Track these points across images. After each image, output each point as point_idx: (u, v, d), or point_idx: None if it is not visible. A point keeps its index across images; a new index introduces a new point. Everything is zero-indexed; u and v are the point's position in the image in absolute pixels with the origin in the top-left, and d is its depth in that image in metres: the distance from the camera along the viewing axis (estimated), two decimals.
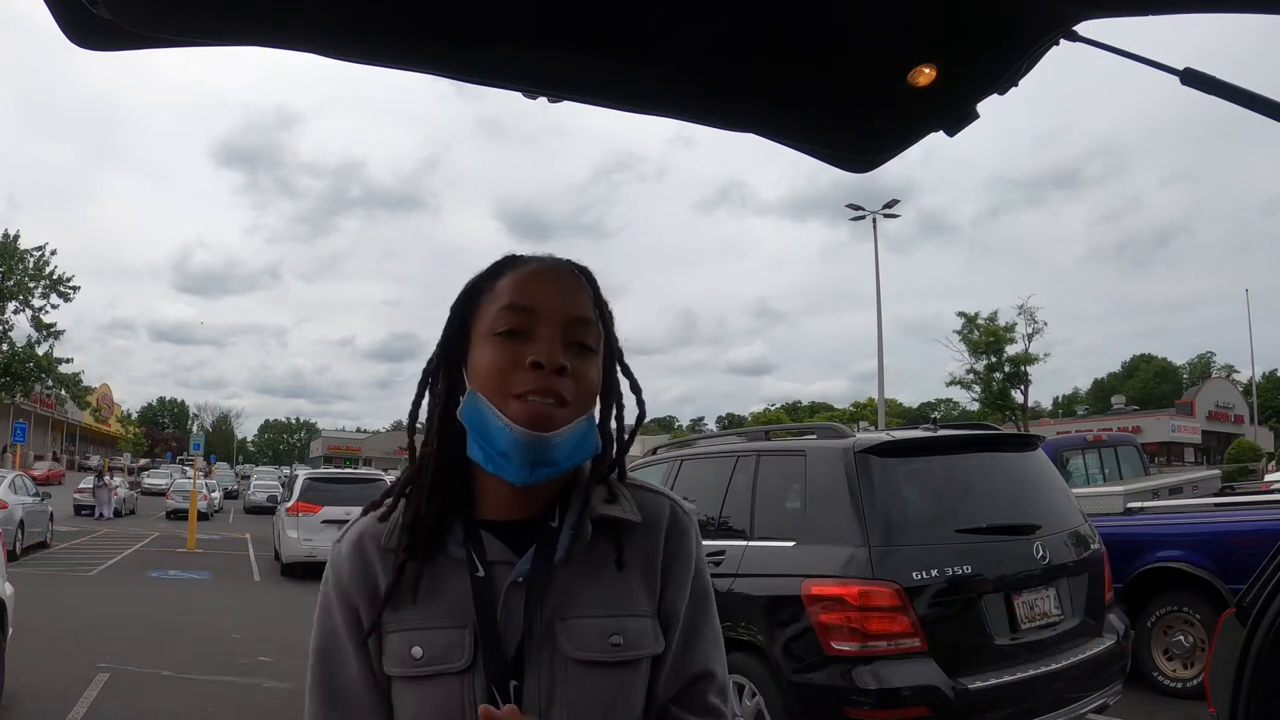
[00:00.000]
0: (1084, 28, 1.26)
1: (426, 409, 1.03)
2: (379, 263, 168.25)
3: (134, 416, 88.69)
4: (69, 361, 34.39)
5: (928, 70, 1.33)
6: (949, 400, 62.57)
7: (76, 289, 33.36)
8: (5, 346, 32.65)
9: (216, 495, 33.77)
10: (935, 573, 3.70)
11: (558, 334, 0.95)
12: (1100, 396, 74.66)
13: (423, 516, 0.98)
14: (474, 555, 0.97)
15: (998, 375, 37.08)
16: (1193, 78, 1.26)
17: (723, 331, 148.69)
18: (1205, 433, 51.04)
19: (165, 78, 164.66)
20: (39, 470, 36.08)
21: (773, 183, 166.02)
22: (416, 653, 0.95)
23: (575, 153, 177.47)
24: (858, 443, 4.09)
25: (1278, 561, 2.00)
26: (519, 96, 1.38)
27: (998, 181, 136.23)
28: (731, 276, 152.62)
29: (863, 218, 28.84)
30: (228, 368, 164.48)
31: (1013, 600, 3.84)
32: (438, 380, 1.02)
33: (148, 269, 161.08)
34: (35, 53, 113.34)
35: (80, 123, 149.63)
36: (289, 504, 14.70)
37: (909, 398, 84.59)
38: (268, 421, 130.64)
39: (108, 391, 69.53)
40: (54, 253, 32.74)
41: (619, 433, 1.04)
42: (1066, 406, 73.63)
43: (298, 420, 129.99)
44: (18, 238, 32.24)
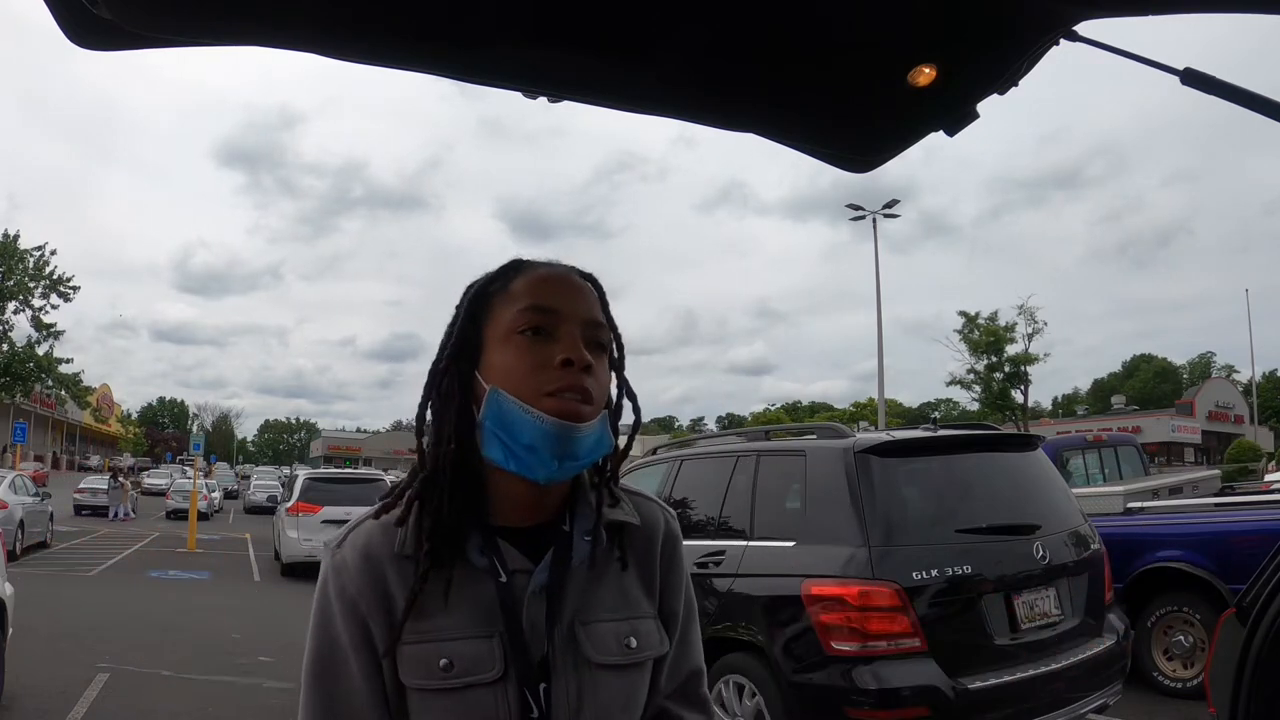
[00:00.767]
0: (1084, 28, 1.26)
1: (433, 411, 1.01)
2: (380, 263, 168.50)
3: (134, 416, 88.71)
4: (69, 361, 34.42)
5: (928, 70, 1.33)
6: (949, 400, 62.67)
7: (76, 289, 33.40)
8: (5, 346, 32.66)
9: (216, 495, 33.77)
10: (935, 573, 3.70)
11: (579, 333, 0.97)
12: (1100, 396, 74.67)
13: (445, 521, 0.95)
14: (496, 562, 0.96)
15: (998, 375, 37.09)
16: (1193, 78, 1.26)
17: (723, 331, 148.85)
18: (1205, 433, 51.04)
19: (165, 78, 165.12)
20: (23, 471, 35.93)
21: (774, 183, 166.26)
22: (444, 664, 0.93)
23: (577, 153, 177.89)
24: (858, 443, 4.09)
25: (1278, 561, 2.00)
26: (520, 96, 1.38)
27: (998, 181, 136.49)
28: (732, 276, 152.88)
29: (863, 218, 28.86)
30: (228, 368, 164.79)
31: (1013, 600, 3.84)
32: (445, 382, 0.99)
33: (148, 269, 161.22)
34: (35, 53, 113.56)
35: (80, 123, 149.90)
36: (289, 504, 14.70)
37: (909, 398, 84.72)
38: (268, 421, 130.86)
39: (108, 391, 69.50)
40: (54, 253, 32.78)
41: (627, 440, 1.06)
42: (1066, 406, 73.65)
43: (298, 420, 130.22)
44: (18, 238, 32.27)
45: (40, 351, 32.99)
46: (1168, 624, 6.15)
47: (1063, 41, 1.28)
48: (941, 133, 1.47)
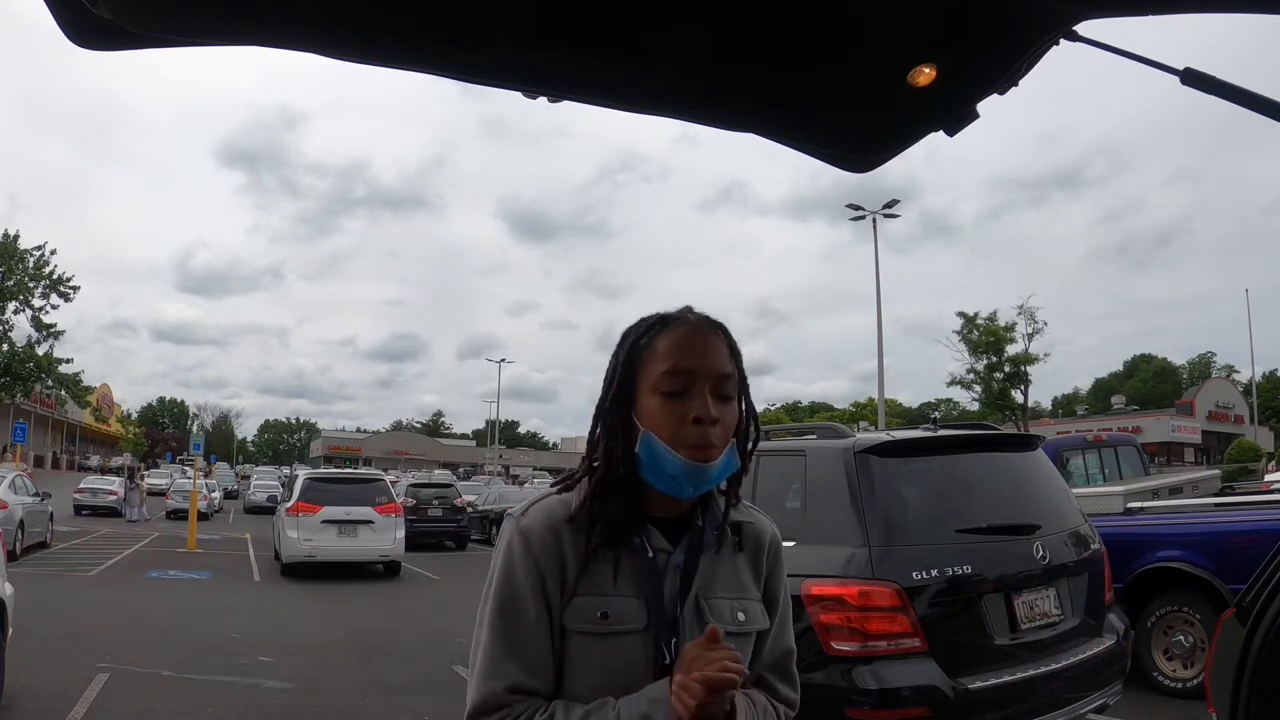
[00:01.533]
0: (1084, 28, 1.26)
1: (602, 436, 1.26)
2: (382, 263, 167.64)
3: (134, 416, 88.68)
4: (69, 361, 34.47)
5: (928, 70, 1.33)
6: (949, 400, 62.60)
7: (76, 289, 33.45)
8: (5, 346, 32.67)
9: (216, 495, 33.74)
10: (935, 573, 3.70)
11: (709, 389, 1.20)
12: (1100, 396, 74.67)
13: (615, 517, 1.22)
14: (646, 543, 1.24)
15: (998, 375, 37.11)
16: (1193, 78, 1.26)
17: None
18: (1205, 433, 51.07)
19: (166, 77, 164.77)
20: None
21: (775, 183, 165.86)
22: (601, 614, 1.20)
23: (579, 153, 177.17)
24: (858, 443, 4.08)
25: (1278, 561, 2.00)
26: (522, 96, 1.38)
27: (999, 181, 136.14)
28: (733, 276, 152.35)
29: (863, 218, 28.87)
30: (229, 368, 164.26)
31: (1013, 600, 3.84)
32: (610, 418, 1.25)
33: (149, 269, 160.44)
34: (35, 53, 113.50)
35: (81, 122, 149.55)
36: (289, 504, 14.70)
37: (909, 398, 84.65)
38: (268, 421, 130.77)
39: (108, 391, 69.51)
40: (54, 252, 32.84)
41: (749, 455, 1.30)
42: (1066, 406, 73.62)
43: (298, 420, 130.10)
44: (18, 238, 32.29)
45: (40, 351, 33.02)
46: (1168, 624, 6.15)
47: (1063, 41, 1.28)
48: (941, 133, 1.47)
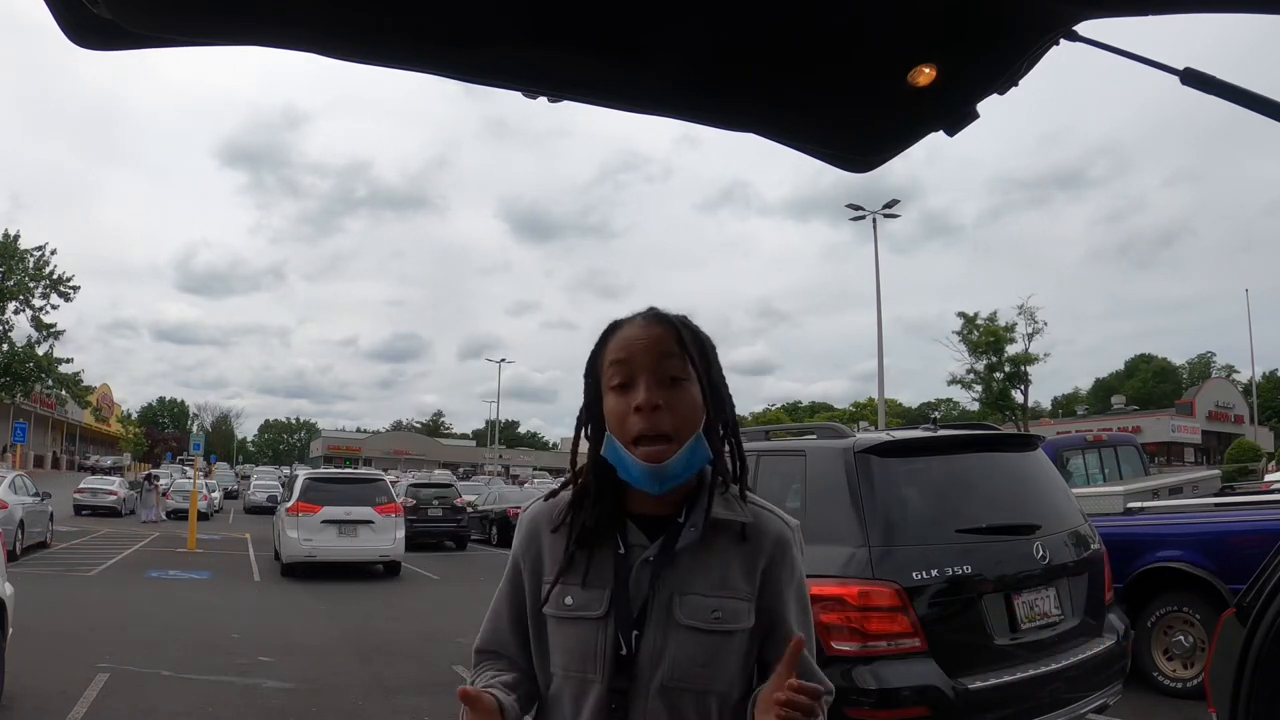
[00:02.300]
0: (1084, 28, 1.26)
1: (580, 442, 1.34)
2: (383, 263, 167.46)
3: (134, 416, 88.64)
4: (69, 361, 34.46)
5: (928, 70, 1.33)
6: (949, 400, 62.65)
7: (77, 289, 33.45)
8: (5, 346, 32.67)
9: (216, 495, 33.73)
10: (935, 573, 3.70)
11: (651, 376, 1.22)
12: (1101, 396, 74.64)
13: (589, 521, 1.29)
14: (619, 538, 1.28)
15: (998, 375, 37.10)
16: (1193, 78, 1.26)
17: (726, 331, 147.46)
18: (1205, 433, 51.05)
19: (167, 77, 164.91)
20: None
21: (776, 183, 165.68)
22: (569, 601, 1.27)
23: (581, 153, 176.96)
24: (858, 443, 4.08)
25: (1278, 561, 2.00)
26: (522, 96, 1.38)
27: (999, 182, 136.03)
28: (734, 276, 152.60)
29: (863, 217, 28.86)
30: (229, 368, 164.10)
31: (1013, 600, 3.84)
32: (587, 428, 1.32)
33: (150, 269, 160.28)
34: (35, 53, 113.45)
35: (81, 122, 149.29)
36: (289, 504, 14.69)
37: (910, 398, 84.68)
38: (268, 421, 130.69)
39: (108, 391, 69.52)
40: (54, 253, 32.84)
41: (735, 445, 1.32)
42: (1067, 406, 73.60)
43: (298, 420, 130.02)
44: (18, 238, 32.29)
45: (40, 351, 33.02)
46: (1168, 624, 6.15)
47: (1063, 41, 1.28)
48: (942, 133, 1.47)
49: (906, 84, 1.35)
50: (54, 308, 33.09)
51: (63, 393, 39.08)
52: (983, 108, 1.42)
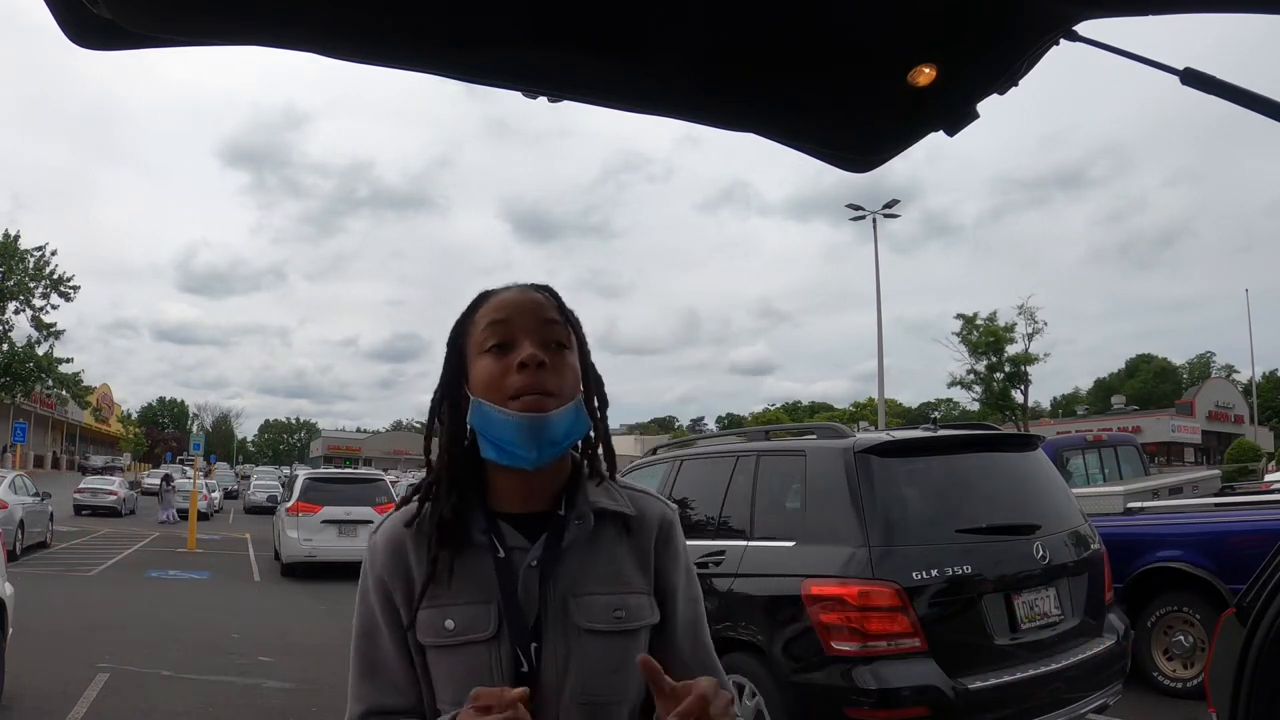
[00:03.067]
0: (1084, 28, 1.26)
1: (439, 429, 1.19)
2: (384, 263, 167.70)
3: (134, 416, 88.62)
4: (69, 361, 34.48)
5: (928, 70, 1.33)
6: (949, 400, 62.60)
7: (77, 289, 33.46)
8: (5, 346, 32.68)
9: (216, 495, 33.72)
10: (935, 573, 3.70)
11: (534, 337, 1.13)
12: (1101, 396, 74.63)
13: (448, 512, 1.13)
14: (495, 541, 1.13)
15: (998, 375, 37.11)
16: (1193, 78, 1.26)
17: (726, 331, 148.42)
18: (1205, 433, 51.04)
19: (168, 77, 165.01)
20: None
21: (777, 183, 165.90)
22: (449, 625, 1.10)
23: (583, 153, 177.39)
24: (858, 443, 4.08)
25: (1278, 561, 2.00)
26: (522, 96, 1.38)
27: (1000, 182, 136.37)
28: (735, 276, 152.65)
29: (863, 218, 28.86)
30: (230, 368, 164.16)
31: (1013, 600, 3.84)
32: (443, 408, 1.19)
33: (151, 269, 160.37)
34: (35, 53, 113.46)
35: (82, 122, 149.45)
36: (289, 504, 14.69)
37: (910, 398, 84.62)
38: (268, 421, 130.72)
39: (108, 391, 69.47)
40: (54, 253, 32.85)
41: (603, 423, 1.21)
42: (1067, 406, 73.60)
43: (298, 420, 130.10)
44: (18, 238, 32.30)
45: (40, 351, 33.03)
46: (1168, 624, 6.15)
47: (1063, 41, 1.28)
48: (942, 133, 1.47)
49: (906, 84, 1.35)
50: (54, 308, 33.14)
51: (63, 393, 39.09)
52: (983, 108, 1.41)
